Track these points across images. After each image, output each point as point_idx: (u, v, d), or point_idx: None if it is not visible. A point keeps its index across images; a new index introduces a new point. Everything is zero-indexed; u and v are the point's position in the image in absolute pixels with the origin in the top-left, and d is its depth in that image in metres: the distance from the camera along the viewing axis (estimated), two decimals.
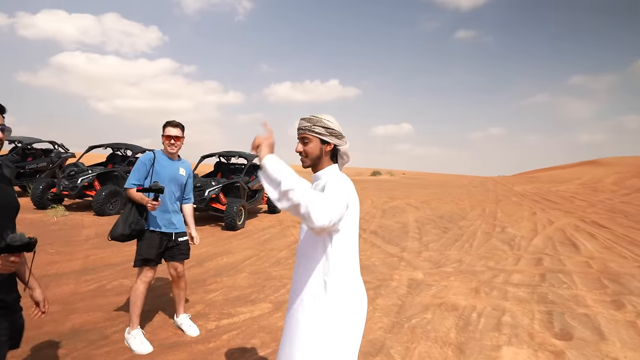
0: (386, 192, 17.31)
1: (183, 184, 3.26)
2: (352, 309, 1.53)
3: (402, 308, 3.91)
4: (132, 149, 10.39)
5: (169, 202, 3.16)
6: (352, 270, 1.56)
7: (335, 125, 1.59)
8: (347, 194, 1.48)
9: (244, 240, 6.93)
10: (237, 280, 4.67)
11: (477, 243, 7.23)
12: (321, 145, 1.59)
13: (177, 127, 3.12)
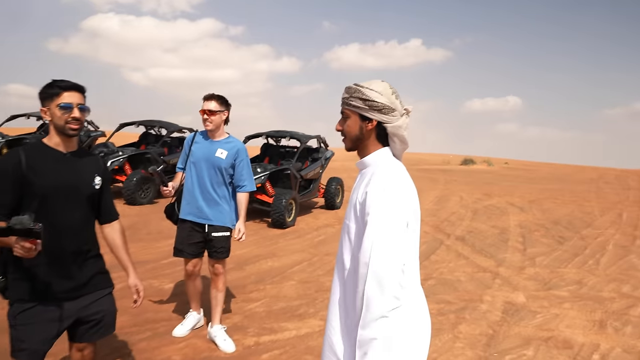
0: (481, 186, 16.64)
1: (224, 168, 3.38)
2: (410, 334, 1.46)
3: (493, 339, 3.77)
4: (166, 127, 11.03)
5: (199, 188, 3.38)
6: (412, 289, 1.48)
7: (379, 95, 1.45)
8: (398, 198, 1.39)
9: (294, 241, 7.11)
10: (283, 289, 4.82)
11: (607, 260, 6.70)
12: (361, 122, 1.50)
13: (212, 99, 3.29)
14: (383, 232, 1.35)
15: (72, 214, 2.00)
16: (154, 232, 7.05)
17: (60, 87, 1.93)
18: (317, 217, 9.26)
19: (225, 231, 3.44)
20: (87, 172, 2.07)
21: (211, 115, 3.29)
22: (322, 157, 10.09)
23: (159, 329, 3.66)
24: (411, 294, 1.48)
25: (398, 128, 1.48)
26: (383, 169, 1.46)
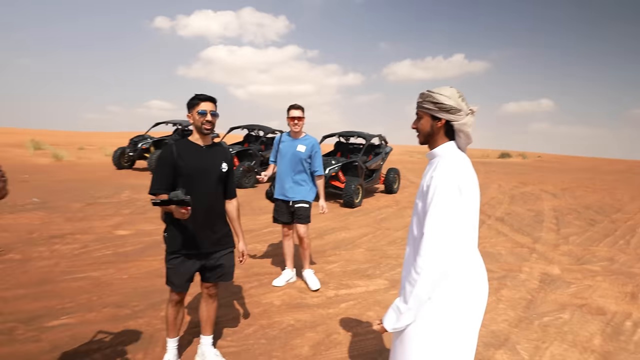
0: (516, 176, 15.50)
1: (303, 159, 3.58)
2: (470, 292, 1.44)
3: (531, 303, 3.52)
4: (263, 130, 11.46)
5: (286, 175, 3.62)
6: (470, 254, 1.45)
7: (448, 99, 1.44)
8: (457, 181, 1.37)
9: (361, 218, 7.09)
10: (354, 254, 4.83)
11: (637, 240, 5.99)
12: (432, 121, 1.49)
13: (299, 109, 3.56)
14: (441, 208, 1.35)
15: (207, 189, 2.20)
16: (256, 208, 7.37)
17: (199, 98, 2.15)
18: (379, 200, 9.15)
19: (305, 203, 3.63)
20: (217, 159, 2.25)
21: (299, 121, 3.56)
22: (383, 151, 9.95)
23: (263, 280, 3.84)
24: (468, 260, 1.44)
25: (463, 125, 1.46)
26: (448, 159, 1.44)
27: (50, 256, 4.17)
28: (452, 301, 1.42)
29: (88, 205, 6.76)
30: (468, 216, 1.40)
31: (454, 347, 1.42)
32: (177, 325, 2.34)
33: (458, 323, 1.42)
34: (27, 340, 2.55)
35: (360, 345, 2.72)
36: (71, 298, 3.21)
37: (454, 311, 1.42)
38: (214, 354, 2.42)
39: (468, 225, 1.41)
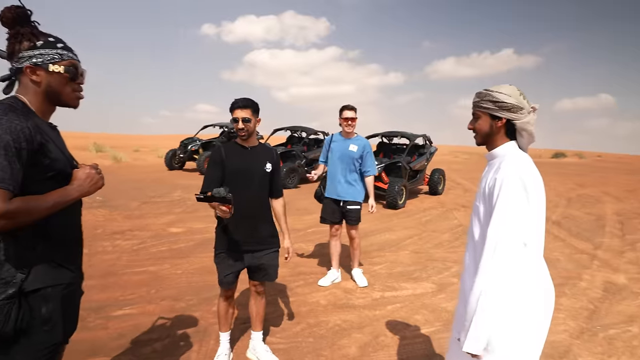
0: (573, 177, 14.50)
1: (355, 158, 3.60)
2: (538, 298, 1.36)
3: (594, 314, 3.28)
4: (306, 131, 11.60)
5: (338, 174, 3.66)
6: (537, 259, 1.37)
7: (509, 97, 1.37)
8: (522, 181, 1.29)
9: (405, 220, 6.96)
10: (400, 256, 4.76)
11: None
12: (491, 121, 1.42)
13: (352, 109, 3.57)
14: (508, 212, 1.29)
15: (252, 189, 2.26)
16: (301, 208, 7.47)
17: (233, 106, 2.24)
18: (423, 201, 8.93)
19: (356, 205, 3.67)
20: (261, 160, 2.31)
21: (353, 122, 3.59)
22: (427, 152, 9.70)
23: (308, 280, 3.89)
24: (535, 267, 1.37)
25: (526, 124, 1.39)
26: (511, 159, 1.37)
27: (113, 250, 4.49)
28: (522, 310, 1.35)
29: (144, 203, 7.21)
30: (535, 220, 1.33)
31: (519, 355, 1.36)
32: (228, 320, 2.44)
33: (525, 331, 1.35)
34: (96, 327, 2.78)
35: (408, 349, 2.67)
36: (132, 290, 3.44)
37: (521, 318, 1.35)
38: (264, 350, 2.49)
39: (536, 230, 1.34)
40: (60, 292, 1.24)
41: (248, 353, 2.53)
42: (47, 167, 1.16)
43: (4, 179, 1.03)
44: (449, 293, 3.63)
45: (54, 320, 1.21)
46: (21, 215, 1.06)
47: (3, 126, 1.06)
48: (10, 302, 1.11)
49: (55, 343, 1.23)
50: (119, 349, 2.52)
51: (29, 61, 1.18)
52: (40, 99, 1.22)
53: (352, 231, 3.77)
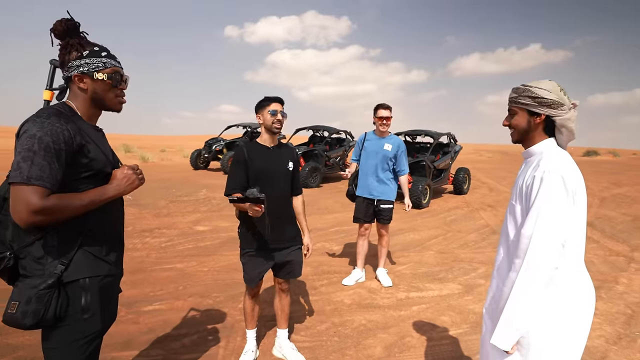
0: (606, 176, 13.88)
1: (389, 157, 3.62)
2: (578, 300, 1.32)
3: (632, 319, 3.13)
4: (328, 130, 11.61)
5: (371, 173, 3.65)
6: (577, 260, 1.33)
7: (549, 93, 1.34)
8: (563, 180, 1.25)
9: (429, 220, 6.86)
10: (424, 257, 4.69)
11: None
12: (529, 117, 1.38)
13: (387, 109, 3.59)
14: (546, 211, 1.25)
15: (276, 188, 2.27)
16: (322, 207, 7.48)
17: (270, 99, 2.26)
18: (447, 201, 8.77)
19: (390, 204, 3.68)
20: (284, 159, 2.34)
21: (388, 121, 3.61)
22: (452, 150, 9.52)
23: (332, 279, 3.89)
24: (574, 268, 1.32)
25: (567, 120, 1.35)
26: (549, 156, 1.33)
27: (142, 248, 4.64)
28: (560, 311, 1.31)
29: (171, 202, 7.40)
30: (576, 219, 1.29)
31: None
32: (254, 317, 2.47)
33: (561, 333, 1.30)
34: (128, 321, 2.87)
35: (434, 350, 2.63)
36: (161, 287, 3.53)
37: (561, 323, 1.31)
38: (290, 347, 2.51)
39: (576, 230, 1.30)
40: (98, 283, 1.29)
41: (274, 350, 2.55)
42: (85, 167, 1.23)
43: (42, 177, 1.10)
44: (476, 295, 3.55)
45: (93, 310, 1.27)
46: (57, 211, 1.13)
47: (44, 129, 1.13)
48: (50, 291, 1.17)
49: (95, 331, 1.29)
50: (149, 343, 2.59)
51: (77, 70, 1.27)
52: (87, 104, 1.31)
53: (382, 230, 3.79)
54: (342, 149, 11.52)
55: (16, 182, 1.10)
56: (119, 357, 2.42)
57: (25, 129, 1.14)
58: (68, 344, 1.23)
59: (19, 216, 1.11)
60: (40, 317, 1.15)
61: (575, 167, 1.33)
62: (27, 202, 1.09)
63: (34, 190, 1.10)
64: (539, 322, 1.30)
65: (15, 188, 1.11)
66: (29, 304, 1.14)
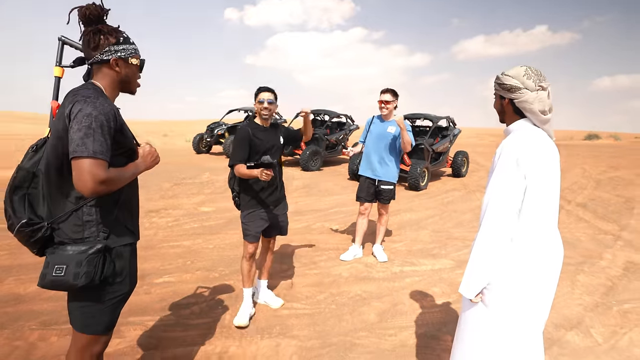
0: (605, 159, 13.97)
1: (391, 140, 3.81)
2: (539, 259, 1.47)
3: (612, 290, 3.34)
4: (328, 114, 11.69)
5: (373, 154, 3.87)
6: (540, 225, 1.47)
7: (510, 79, 1.50)
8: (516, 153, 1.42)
9: (427, 201, 7.05)
10: (420, 235, 4.90)
11: None
12: (500, 100, 1.59)
13: (387, 92, 3.76)
14: (498, 182, 1.44)
15: (275, 159, 2.64)
16: (323, 190, 7.67)
17: (260, 89, 2.66)
18: (445, 183, 8.94)
19: (390, 185, 3.87)
20: (276, 135, 2.76)
21: (387, 104, 3.76)
22: (451, 134, 9.63)
23: (331, 255, 4.10)
24: (536, 231, 1.46)
25: (524, 102, 1.49)
26: (514, 135, 1.51)
27: (150, 227, 4.85)
28: (520, 267, 1.47)
29: (176, 185, 7.60)
30: (533, 190, 1.43)
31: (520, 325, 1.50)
32: (250, 277, 2.80)
33: (525, 288, 1.48)
34: (141, 292, 3.10)
35: (425, 316, 2.85)
36: (170, 261, 3.76)
37: (521, 277, 1.47)
38: (270, 294, 3.02)
39: (535, 199, 1.44)
40: (129, 251, 1.48)
41: (257, 298, 3.01)
42: (122, 144, 1.38)
43: (103, 152, 1.25)
44: None
45: (124, 274, 1.46)
46: (114, 182, 1.29)
47: (98, 108, 1.27)
48: (98, 256, 1.34)
49: (124, 292, 1.48)
50: (162, 311, 2.82)
51: (115, 54, 1.40)
52: (114, 86, 1.45)
53: (382, 209, 4.00)
54: (343, 132, 11.64)
55: (83, 156, 1.21)
56: (134, 321, 2.65)
57: (80, 109, 1.25)
58: (101, 303, 1.41)
59: (85, 186, 1.22)
60: (91, 277, 1.31)
61: (544, 143, 1.48)
62: (93, 174, 1.21)
63: (98, 164, 1.22)
64: (500, 275, 1.48)
65: (82, 161, 1.21)
66: (79, 267, 1.30)
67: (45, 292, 3.03)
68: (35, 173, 1.41)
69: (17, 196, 1.38)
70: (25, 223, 1.34)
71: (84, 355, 1.44)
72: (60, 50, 1.58)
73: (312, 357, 2.32)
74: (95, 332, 1.43)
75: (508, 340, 1.52)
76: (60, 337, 2.44)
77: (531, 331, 1.54)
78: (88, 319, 1.41)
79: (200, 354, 2.33)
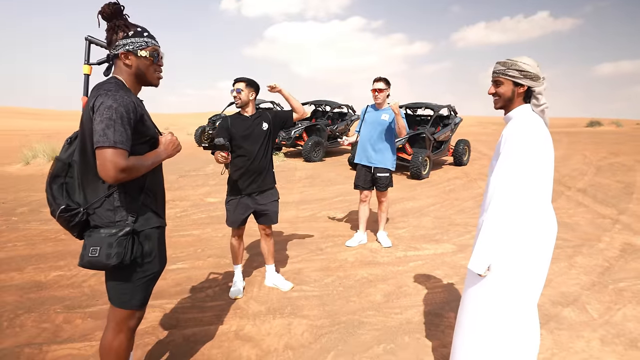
0: (607, 146, 14.04)
1: (386, 127, 3.91)
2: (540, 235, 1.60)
3: (608, 270, 3.48)
4: (330, 105, 11.79)
5: (368, 142, 3.97)
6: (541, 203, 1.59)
7: (532, 67, 1.61)
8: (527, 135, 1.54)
9: (429, 189, 7.17)
10: (422, 222, 5.04)
11: None
12: (514, 87, 1.65)
13: (380, 81, 3.87)
14: (507, 164, 1.56)
15: (256, 147, 2.84)
16: (325, 180, 7.80)
17: (234, 80, 2.81)
18: (447, 172, 9.06)
19: (386, 172, 3.98)
20: (259, 123, 2.87)
21: (379, 92, 3.87)
22: (452, 122, 9.71)
23: (337, 241, 4.25)
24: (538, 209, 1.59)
25: (542, 90, 1.64)
26: (519, 120, 1.63)
27: None
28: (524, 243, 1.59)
29: (181, 177, 7.74)
30: (537, 170, 1.56)
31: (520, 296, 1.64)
32: (239, 255, 3.04)
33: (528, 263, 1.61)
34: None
35: (428, 296, 3.00)
36: (182, 249, 3.91)
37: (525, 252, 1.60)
38: (279, 277, 3.18)
39: (538, 178, 1.57)
40: (156, 233, 1.60)
41: (266, 282, 3.19)
42: (143, 134, 1.50)
43: (123, 142, 1.36)
44: (469, 253, 3.90)
45: (154, 254, 1.59)
46: (134, 170, 1.41)
47: (118, 100, 1.38)
48: (127, 238, 1.47)
49: (155, 272, 1.61)
50: (178, 295, 2.98)
51: (124, 48, 1.50)
52: (132, 79, 1.55)
53: (380, 197, 4.13)
54: (345, 122, 11.74)
55: (105, 146, 1.32)
56: (153, 304, 2.80)
57: (102, 102, 1.37)
58: (133, 281, 1.54)
59: (107, 174, 1.33)
60: (122, 257, 1.44)
61: (540, 127, 1.60)
62: (114, 162, 1.33)
63: (119, 153, 1.34)
64: (506, 251, 1.61)
65: (104, 151, 1.32)
66: (111, 248, 1.43)
67: (65, 279, 3.19)
68: (70, 164, 1.54)
69: (56, 185, 1.51)
70: (64, 209, 1.47)
71: (123, 328, 1.58)
72: (87, 49, 1.69)
73: (322, 334, 2.48)
74: (131, 308, 1.57)
75: (509, 312, 1.66)
76: (84, 319, 2.60)
77: (530, 301, 1.67)
78: (124, 296, 1.55)
79: (219, 331, 2.49)
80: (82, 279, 3.19)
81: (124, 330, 1.59)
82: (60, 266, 3.42)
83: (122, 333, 1.59)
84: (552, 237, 1.66)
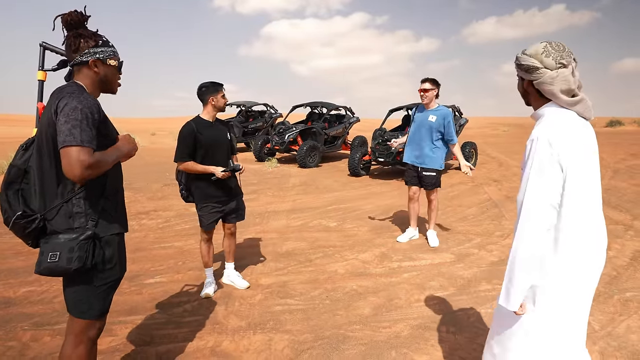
0: (626, 147, 14.10)
1: (434, 128, 4.20)
2: (583, 257, 1.43)
3: (615, 279, 3.51)
4: (327, 107, 11.87)
5: (416, 142, 4.32)
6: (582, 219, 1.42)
7: (528, 58, 1.46)
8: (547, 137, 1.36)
9: None
10: (421, 230, 5.07)
11: None
12: (521, 82, 1.55)
13: (426, 81, 4.21)
14: (532, 176, 1.38)
15: (222, 153, 3.15)
16: (320, 187, 7.86)
17: (221, 85, 3.11)
18: (452, 177, 9.11)
19: (432, 172, 4.29)
20: (223, 130, 3.20)
21: (426, 92, 4.18)
22: (457, 124, 9.80)
23: (327, 252, 4.29)
24: (578, 227, 1.41)
25: (542, 83, 1.45)
26: (543, 121, 1.45)
27: (140, 229, 5.06)
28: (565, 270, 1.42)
29: (165, 186, 7.81)
30: (572, 180, 1.38)
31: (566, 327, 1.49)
32: (210, 258, 3.33)
33: (570, 293, 1.45)
34: (132, 292, 3.30)
35: (421, 310, 3.04)
36: (161, 262, 3.96)
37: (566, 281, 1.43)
38: (236, 275, 3.48)
39: (573, 190, 1.38)
40: (116, 239, 1.68)
41: (223, 279, 3.49)
42: (105, 135, 1.60)
43: (89, 140, 1.46)
44: (467, 263, 3.94)
45: (114, 261, 1.67)
46: (100, 165, 1.49)
47: (82, 102, 1.49)
48: (88, 242, 1.55)
49: (115, 279, 1.69)
50: (153, 310, 3.02)
51: (94, 56, 1.62)
52: (95, 85, 1.67)
53: (429, 196, 4.47)
54: (342, 125, 11.81)
55: (72, 145, 1.41)
56: (125, 320, 2.85)
57: (66, 103, 1.47)
58: (93, 288, 1.61)
59: (73, 172, 1.41)
60: (84, 261, 1.52)
61: (572, 128, 1.41)
62: (81, 160, 1.41)
63: (85, 151, 1.43)
64: (543, 281, 1.43)
65: (71, 149, 1.41)
66: (72, 252, 1.50)
67: (35, 294, 3.24)
68: (27, 169, 1.62)
69: (11, 191, 1.58)
70: (21, 215, 1.54)
71: (82, 339, 1.64)
72: (42, 55, 1.79)
73: (304, 350, 2.52)
74: (90, 317, 1.63)
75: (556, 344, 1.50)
76: (53, 337, 2.64)
77: (578, 331, 1.52)
78: (83, 305, 1.62)
79: (193, 348, 2.53)
80: (53, 294, 3.24)
81: (83, 341, 1.64)
82: (30, 281, 3.47)
83: (82, 344, 1.64)
84: (600, 256, 1.47)
